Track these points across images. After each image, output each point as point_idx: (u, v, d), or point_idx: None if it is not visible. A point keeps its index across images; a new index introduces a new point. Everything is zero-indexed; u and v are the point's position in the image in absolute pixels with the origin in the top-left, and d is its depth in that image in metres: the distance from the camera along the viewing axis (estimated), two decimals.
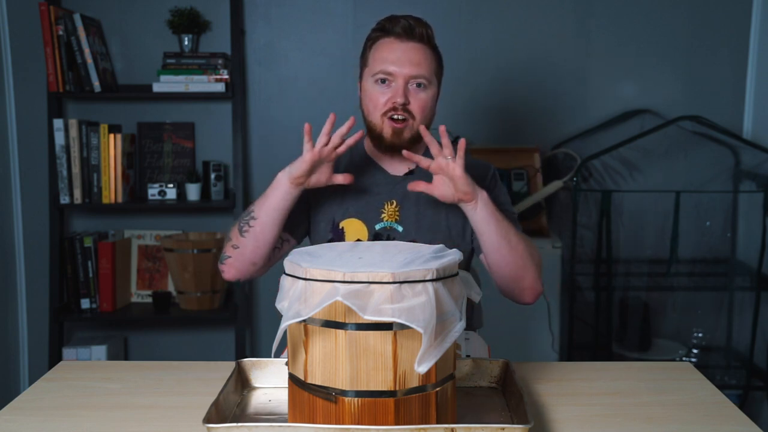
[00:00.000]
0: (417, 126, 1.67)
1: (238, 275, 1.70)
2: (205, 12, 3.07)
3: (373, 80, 1.68)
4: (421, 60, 1.66)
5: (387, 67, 1.65)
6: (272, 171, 3.25)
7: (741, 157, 3.06)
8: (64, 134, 2.88)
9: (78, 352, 2.98)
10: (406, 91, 1.65)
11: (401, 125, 1.66)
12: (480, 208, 1.59)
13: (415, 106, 1.66)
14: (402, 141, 1.68)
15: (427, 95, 1.67)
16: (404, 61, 1.65)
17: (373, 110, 1.68)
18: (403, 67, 1.64)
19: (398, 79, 1.65)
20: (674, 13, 3.12)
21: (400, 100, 1.64)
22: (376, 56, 1.68)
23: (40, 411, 1.38)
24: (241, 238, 1.66)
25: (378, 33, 1.70)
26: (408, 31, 1.66)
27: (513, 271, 1.64)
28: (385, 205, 1.72)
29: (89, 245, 2.97)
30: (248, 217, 1.66)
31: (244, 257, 1.67)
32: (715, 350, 3.10)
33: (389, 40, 1.68)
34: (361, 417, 1.16)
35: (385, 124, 1.67)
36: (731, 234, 3.10)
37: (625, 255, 2.98)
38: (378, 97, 1.67)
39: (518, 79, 3.14)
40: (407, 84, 1.65)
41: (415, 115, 1.66)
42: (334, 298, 1.12)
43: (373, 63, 1.68)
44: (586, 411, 1.38)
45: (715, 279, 3.07)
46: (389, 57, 1.66)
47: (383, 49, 1.68)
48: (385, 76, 1.66)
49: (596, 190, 2.92)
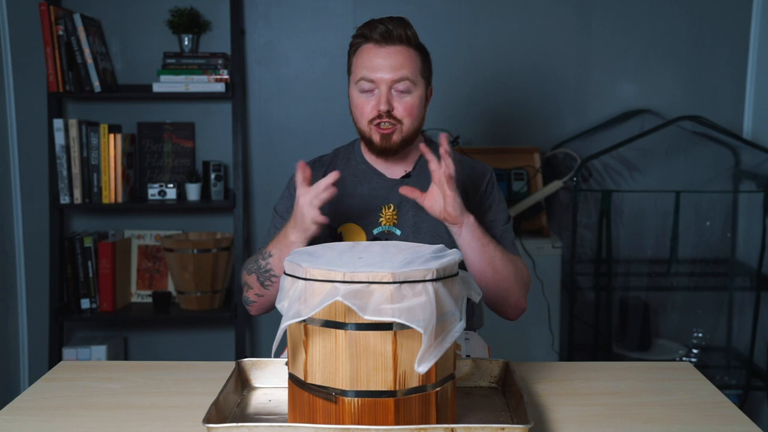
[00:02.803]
0: (406, 130, 1.66)
1: (264, 312, 1.74)
2: (205, 12, 3.07)
3: (358, 88, 1.66)
4: (402, 63, 1.63)
5: (368, 75, 1.63)
6: (272, 171, 3.28)
7: (741, 157, 3.06)
8: (64, 134, 2.88)
9: (78, 352, 2.98)
10: (390, 97, 1.63)
11: (389, 130, 1.65)
12: (465, 233, 1.57)
13: (401, 111, 1.64)
14: (392, 145, 1.67)
15: (412, 98, 1.65)
16: (385, 66, 1.62)
17: (360, 118, 1.68)
18: (384, 72, 1.62)
19: (381, 86, 1.63)
20: (674, 14, 3.12)
21: (384, 108, 1.62)
22: (358, 63, 1.66)
23: (40, 411, 1.38)
24: (264, 290, 1.67)
25: (358, 39, 1.68)
26: (386, 36, 1.63)
27: (495, 292, 1.65)
28: (383, 209, 1.71)
29: (89, 245, 2.97)
30: (267, 273, 1.64)
31: (269, 302, 1.69)
32: (715, 350, 3.10)
33: (368, 47, 1.66)
34: (361, 417, 1.16)
35: (373, 131, 1.66)
36: (731, 234, 3.10)
37: (625, 255, 2.98)
38: (363, 105, 1.66)
39: (518, 79, 3.15)
40: (391, 89, 1.63)
41: (402, 120, 1.65)
42: (334, 298, 1.12)
43: (355, 70, 1.67)
44: (586, 411, 1.38)
45: (715, 279, 3.07)
46: (369, 64, 1.64)
47: (363, 55, 1.66)
48: (368, 84, 1.64)
49: (596, 190, 2.92)
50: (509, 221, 1.78)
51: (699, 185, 3.01)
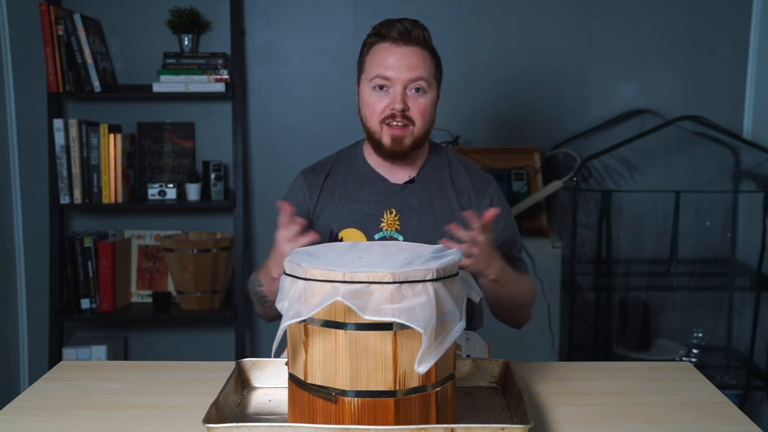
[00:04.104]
0: (418, 132, 1.65)
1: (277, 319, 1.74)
2: (205, 12, 3.07)
3: (371, 86, 1.64)
4: (419, 64, 1.62)
5: (384, 72, 1.62)
6: (272, 171, 3.28)
7: (741, 157, 3.06)
8: (64, 134, 2.88)
9: (78, 352, 2.98)
10: (405, 96, 1.62)
11: (401, 132, 1.63)
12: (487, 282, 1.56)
13: (415, 112, 1.63)
14: (402, 148, 1.65)
15: (426, 100, 1.64)
16: (402, 65, 1.61)
17: (371, 117, 1.65)
18: (400, 71, 1.61)
19: (396, 85, 1.62)
20: (674, 14, 3.12)
21: (399, 107, 1.61)
22: (373, 61, 1.65)
23: (40, 411, 1.38)
24: (266, 309, 1.71)
25: (374, 38, 1.67)
26: (405, 35, 1.63)
27: (506, 315, 1.72)
28: (384, 214, 1.70)
29: (89, 245, 2.97)
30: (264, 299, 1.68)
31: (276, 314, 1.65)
32: (715, 350, 3.10)
33: (386, 45, 1.64)
34: (361, 417, 1.16)
35: (384, 131, 1.64)
36: (731, 234, 3.10)
37: (625, 255, 2.98)
38: (375, 103, 1.64)
39: (518, 79, 3.14)
40: (406, 89, 1.62)
41: (415, 120, 1.64)
42: (334, 298, 1.12)
43: (369, 68, 1.65)
44: (586, 411, 1.38)
45: (715, 279, 3.07)
46: (386, 62, 1.62)
47: (380, 53, 1.64)
48: (383, 82, 1.62)
49: (596, 190, 2.92)
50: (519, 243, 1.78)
51: (699, 185, 3.01)
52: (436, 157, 1.78)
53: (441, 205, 1.72)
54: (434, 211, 1.71)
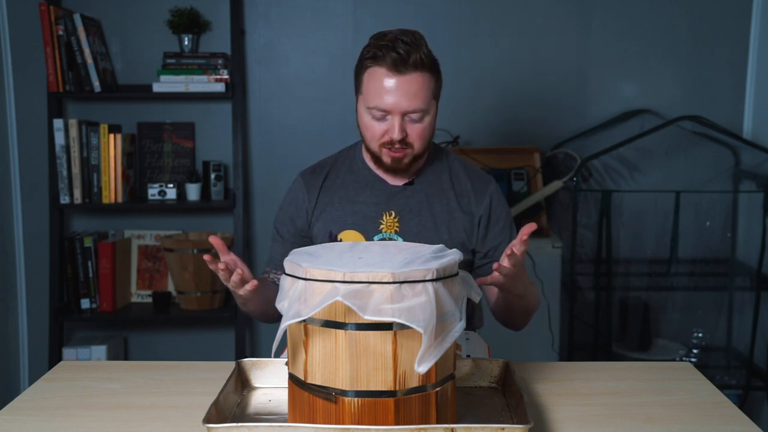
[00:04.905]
0: (417, 150, 1.64)
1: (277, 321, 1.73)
2: (205, 12, 3.07)
3: (369, 114, 1.62)
4: (417, 91, 1.57)
5: (381, 104, 1.58)
6: (272, 171, 3.28)
7: (741, 157, 3.06)
8: (64, 134, 2.88)
9: (78, 352, 2.98)
10: (403, 124, 1.60)
11: (401, 154, 1.64)
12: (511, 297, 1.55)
13: (414, 136, 1.62)
14: (402, 165, 1.67)
15: (424, 124, 1.62)
16: (400, 96, 1.57)
17: (370, 139, 1.65)
18: (399, 102, 1.57)
19: (394, 115, 1.59)
20: (674, 14, 3.12)
21: (398, 137, 1.59)
22: (370, 87, 1.60)
23: (40, 411, 1.38)
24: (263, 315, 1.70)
25: (370, 61, 1.59)
26: (402, 64, 1.55)
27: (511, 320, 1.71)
28: (384, 215, 1.70)
29: (89, 245, 2.97)
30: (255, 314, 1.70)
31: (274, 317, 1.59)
32: (715, 350, 3.10)
33: (381, 71, 1.57)
34: (361, 417, 1.16)
35: (383, 153, 1.65)
36: (731, 234, 3.10)
37: (625, 255, 2.98)
38: (374, 128, 1.62)
39: (518, 79, 3.14)
40: (404, 118, 1.60)
41: (414, 144, 1.63)
42: (334, 298, 1.12)
43: (367, 94, 1.61)
44: (586, 411, 1.38)
45: (715, 279, 3.07)
46: (383, 92, 1.57)
47: (375, 81, 1.58)
48: (381, 114, 1.60)
49: (596, 190, 2.92)
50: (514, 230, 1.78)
51: (699, 185, 3.01)
52: (435, 158, 1.77)
53: (440, 207, 1.71)
54: (433, 213, 1.71)
